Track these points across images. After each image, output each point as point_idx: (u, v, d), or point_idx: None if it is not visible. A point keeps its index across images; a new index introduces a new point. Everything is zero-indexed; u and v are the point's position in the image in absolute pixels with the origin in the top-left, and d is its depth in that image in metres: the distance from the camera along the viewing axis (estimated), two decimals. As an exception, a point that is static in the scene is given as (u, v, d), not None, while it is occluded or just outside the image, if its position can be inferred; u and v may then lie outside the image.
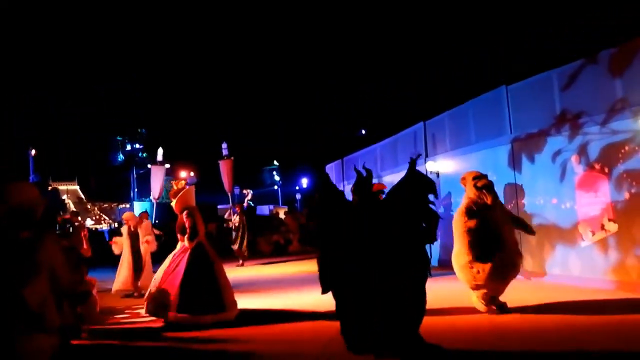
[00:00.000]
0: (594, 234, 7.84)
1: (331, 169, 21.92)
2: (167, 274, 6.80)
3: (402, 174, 14.88)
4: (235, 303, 7.00)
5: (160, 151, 17.21)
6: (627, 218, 7.28)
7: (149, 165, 17.63)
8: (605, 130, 7.62)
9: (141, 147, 73.81)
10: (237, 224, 15.59)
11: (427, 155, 12.87)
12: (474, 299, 6.56)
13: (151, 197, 16.22)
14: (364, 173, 5.79)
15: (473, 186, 6.60)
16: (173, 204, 7.34)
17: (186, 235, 6.93)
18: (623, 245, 7.35)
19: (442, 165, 12.03)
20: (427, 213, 4.93)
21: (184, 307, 6.52)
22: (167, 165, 17.78)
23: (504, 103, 9.77)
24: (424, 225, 4.87)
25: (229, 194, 16.52)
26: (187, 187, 7.53)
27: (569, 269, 8.31)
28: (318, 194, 5.40)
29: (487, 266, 6.19)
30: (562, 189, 8.45)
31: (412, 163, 5.09)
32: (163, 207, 19.41)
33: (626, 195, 7.27)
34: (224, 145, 16.51)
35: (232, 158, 16.58)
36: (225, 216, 15.81)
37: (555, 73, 8.63)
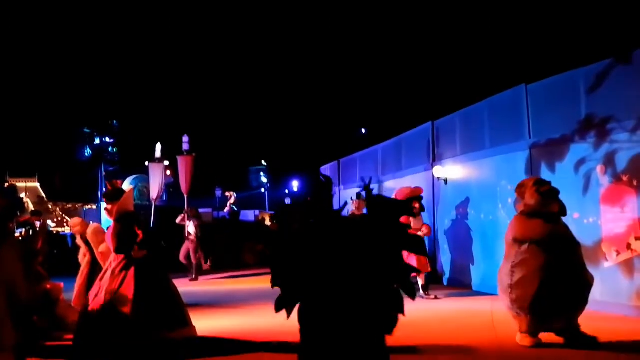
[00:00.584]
0: (619, 253, 7.89)
1: (326, 171, 21.95)
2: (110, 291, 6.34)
3: (405, 179, 14.93)
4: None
5: (158, 147, 16.99)
6: (656, 237, 7.32)
7: (147, 163, 17.29)
8: (635, 139, 7.68)
9: (112, 141, 73.56)
10: (191, 233, 15.20)
11: (434, 160, 12.92)
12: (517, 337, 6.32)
13: (151, 199, 16.13)
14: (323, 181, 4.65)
15: (535, 192, 6.30)
16: (108, 207, 6.82)
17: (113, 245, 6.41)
18: (651, 268, 7.39)
19: (450, 171, 12.07)
20: (398, 266, 3.96)
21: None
22: (167, 162, 17.49)
23: (523, 104, 9.83)
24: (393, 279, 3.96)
25: (185, 196, 16.29)
26: (128, 189, 7.27)
27: (591, 293, 8.34)
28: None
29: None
30: (585, 202, 8.49)
31: (367, 192, 3.94)
32: (163, 211, 19.24)
33: (656, 211, 7.32)
34: (185, 139, 16.23)
35: (193, 154, 16.35)
36: (177, 221, 15.36)
37: (581, 73, 8.69)
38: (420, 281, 9.82)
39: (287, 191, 51.10)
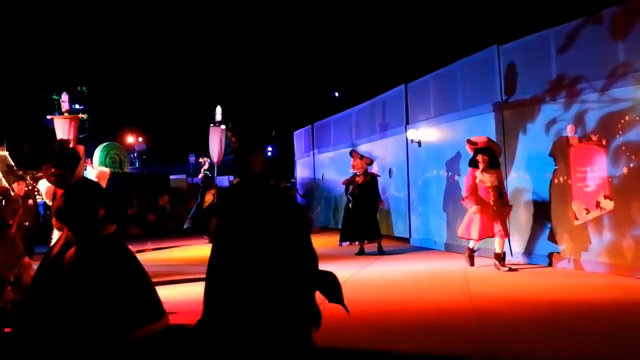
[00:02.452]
0: (588, 212, 8.05)
1: (300, 136, 21.91)
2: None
3: (379, 142, 14.94)
4: None
5: (218, 110, 16.45)
6: (624, 195, 7.49)
7: (211, 126, 16.51)
8: (604, 98, 7.77)
9: (82, 107, 72.17)
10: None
11: (408, 122, 12.95)
12: None
13: (211, 161, 15.99)
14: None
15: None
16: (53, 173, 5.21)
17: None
18: (619, 226, 7.57)
19: (424, 134, 12.13)
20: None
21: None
22: (224, 126, 17.05)
23: (495, 65, 9.86)
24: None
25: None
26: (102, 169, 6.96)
27: (560, 250, 8.54)
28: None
29: None
30: (555, 161, 8.62)
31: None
32: (138, 179, 18.98)
33: (624, 170, 7.46)
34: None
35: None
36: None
37: (552, 32, 8.71)
38: (498, 248, 8.60)
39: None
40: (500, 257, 8.55)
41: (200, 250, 13.20)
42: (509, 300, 6.47)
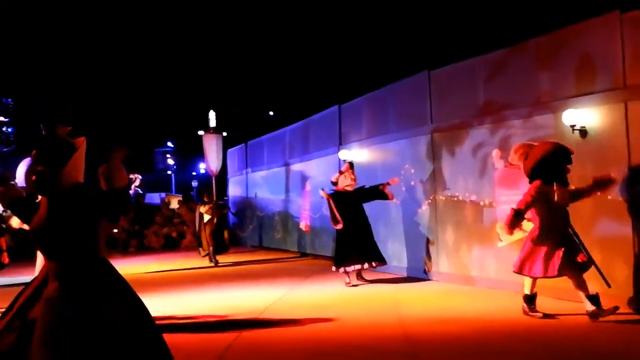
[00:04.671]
0: (511, 234, 8.26)
1: (233, 154, 21.74)
2: None
3: (312, 162, 14.93)
4: None
5: (212, 115, 15.32)
6: (546, 218, 7.71)
7: (200, 133, 15.43)
8: (528, 125, 8.04)
9: (6, 120, 69.58)
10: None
11: (341, 143, 13.04)
12: None
13: (209, 172, 15.12)
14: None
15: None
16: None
17: None
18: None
19: (356, 154, 12.23)
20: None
21: None
22: (224, 134, 15.91)
23: (426, 90, 10.07)
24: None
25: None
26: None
27: (485, 271, 8.73)
28: None
29: None
30: (481, 185, 8.84)
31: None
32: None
33: (546, 194, 7.70)
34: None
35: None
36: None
37: (480, 60, 8.99)
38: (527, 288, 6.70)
39: (194, 173, 50.26)
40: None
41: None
42: (438, 321, 6.55)
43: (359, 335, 6.00)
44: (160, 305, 7.42)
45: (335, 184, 10.07)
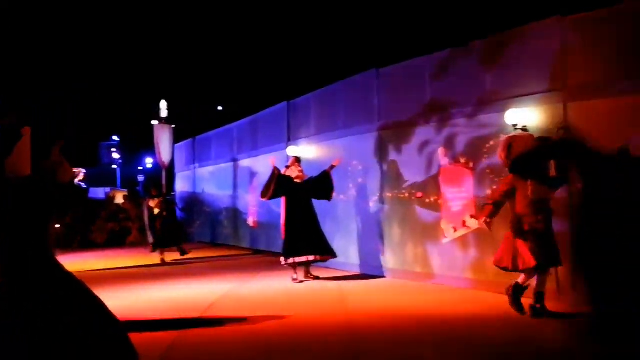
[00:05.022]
0: (455, 230, 8.44)
1: (181, 149, 21.43)
2: None
3: (261, 158, 14.83)
4: None
5: (163, 104, 14.60)
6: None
7: (153, 122, 14.75)
8: (472, 123, 8.20)
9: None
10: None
11: (289, 139, 13.02)
12: None
13: (160, 164, 14.37)
14: None
15: None
16: None
17: None
18: (482, 243, 7.98)
19: (305, 151, 12.22)
20: None
21: None
22: (173, 126, 15.20)
23: (374, 88, 10.14)
24: None
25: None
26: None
27: (430, 267, 8.87)
28: None
29: None
30: (427, 182, 8.97)
31: None
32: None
33: (488, 191, 7.88)
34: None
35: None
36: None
37: (426, 60, 9.11)
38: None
39: (140, 167, 49.36)
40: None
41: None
42: (383, 316, 6.62)
43: (304, 332, 6.00)
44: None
45: None
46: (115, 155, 56.67)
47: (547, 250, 6.19)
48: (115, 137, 59.78)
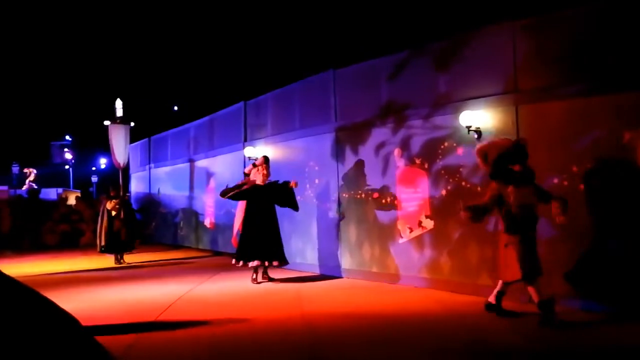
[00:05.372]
0: (411, 230, 8.54)
1: (136, 149, 21.10)
2: None
3: (217, 159, 14.69)
4: None
5: (119, 103, 13.89)
6: (442, 215, 8.03)
7: (105, 123, 14.04)
8: (427, 125, 8.32)
9: None
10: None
11: (246, 139, 12.97)
12: None
13: (116, 165, 13.75)
14: None
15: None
16: None
17: None
18: (438, 243, 8.11)
19: (261, 151, 12.18)
20: None
21: None
22: (132, 124, 14.48)
23: (331, 88, 10.18)
24: None
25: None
26: None
27: (387, 267, 8.96)
28: None
29: None
30: (383, 183, 9.05)
31: None
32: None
33: (443, 192, 8.02)
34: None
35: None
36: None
37: (382, 61, 9.19)
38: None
39: (94, 168, 48.39)
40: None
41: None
42: (339, 316, 6.65)
43: (262, 333, 5.98)
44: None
45: (247, 175, 9.96)
46: (68, 155, 55.35)
47: (533, 259, 5.88)
48: (67, 137, 58.41)
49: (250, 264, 9.33)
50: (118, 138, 14.35)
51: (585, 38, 6.51)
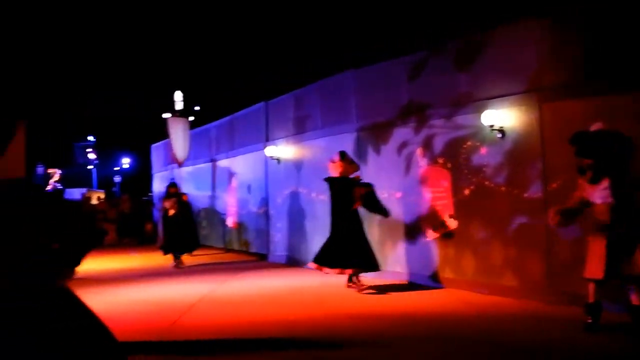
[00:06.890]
0: (435, 230, 8.49)
1: (158, 149, 21.26)
2: None
3: (239, 158, 14.69)
4: None
5: (178, 95, 13.21)
6: (466, 215, 7.98)
7: (164, 116, 13.13)
8: (449, 124, 8.26)
9: None
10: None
11: (267, 139, 12.99)
12: None
13: (175, 162, 13.25)
14: None
15: None
16: None
17: None
18: (461, 243, 8.05)
19: (283, 151, 12.21)
20: None
21: None
22: (192, 118, 13.79)
23: (351, 88, 10.16)
24: None
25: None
26: None
27: (410, 266, 8.91)
28: None
29: None
30: (406, 182, 9.01)
31: None
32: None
33: (466, 192, 7.96)
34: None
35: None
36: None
37: (403, 61, 9.15)
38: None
39: (117, 168, 48.84)
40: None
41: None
42: (357, 316, 6.63)
43: (290, 327, 5.99)
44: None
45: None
46: (91, 156, 55.92)
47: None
48: (90, 138, 59.01)
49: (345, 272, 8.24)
50: (177, 132, 13.64)
51: (608, 35, 6.41)
